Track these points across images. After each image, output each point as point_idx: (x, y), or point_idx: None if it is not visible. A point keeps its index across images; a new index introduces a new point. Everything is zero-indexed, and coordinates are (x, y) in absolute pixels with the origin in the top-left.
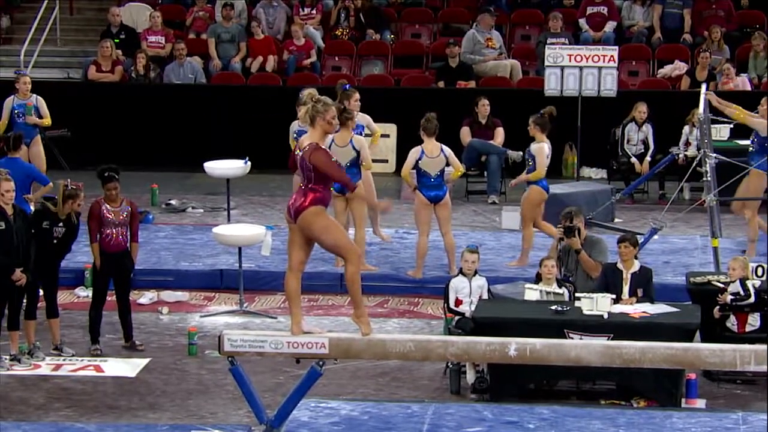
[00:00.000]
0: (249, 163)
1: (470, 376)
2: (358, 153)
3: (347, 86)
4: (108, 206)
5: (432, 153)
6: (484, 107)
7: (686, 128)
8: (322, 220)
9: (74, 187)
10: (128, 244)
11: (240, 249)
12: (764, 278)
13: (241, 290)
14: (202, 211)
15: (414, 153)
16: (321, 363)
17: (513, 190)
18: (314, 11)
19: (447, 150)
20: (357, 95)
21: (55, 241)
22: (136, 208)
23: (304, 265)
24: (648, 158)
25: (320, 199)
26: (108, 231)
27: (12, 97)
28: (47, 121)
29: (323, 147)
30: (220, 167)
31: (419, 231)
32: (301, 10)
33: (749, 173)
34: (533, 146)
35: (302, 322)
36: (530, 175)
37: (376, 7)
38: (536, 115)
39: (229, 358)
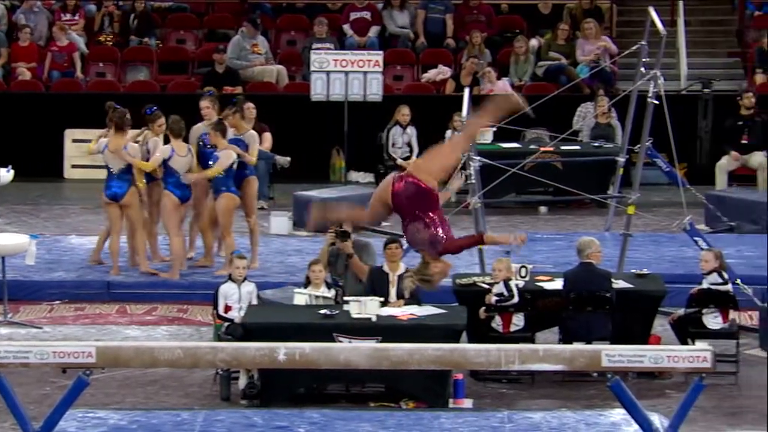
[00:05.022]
0: (12, 171)
1: (242, 382)
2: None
3: None
4: None
5: (181, 152)
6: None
7: (448, 132)
8: None
9: None
10: None
11: (3, 258)
12: (527, 278)
13: (6, 300)
14: None
15: (165, 151)
16: (88, 372)
17: (283, 194)
18: (77, 17)
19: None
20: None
21: None
22: None
23: None
24: (413, 158)
25: None
26: None
27: None
28: None
29: None
30: None
31: (171, 232)
32: (62, 15)
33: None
34: (219, 153)
35: None
36: (209, 171)
37: (148, 12)
38: (214, 122)
39: None
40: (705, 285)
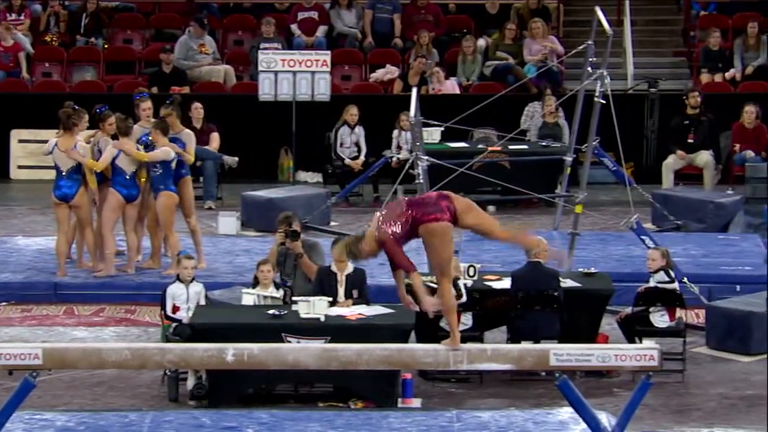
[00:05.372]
0: None
1: (190, 383)
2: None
3: None
4: None
5: (130, 151)
6: (197, 112)
7: (395, 132)
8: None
9: None
10: None
11: None
12: (476, 278)
13: None
14: None
15: (112, 150)
16: (35, 374)
17: (231, 194)
18: (22, 17)
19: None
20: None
21: None
22: None
23: None
24: (362, 158)
25: None
26: None
27: None
28: None
29: None
30: None
31: (107, 228)
32: (8, 15)
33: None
34: (157, 149)
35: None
36: (142, 153)
37: (98, 11)
38: (155, 120)
39: None
40: (652, 283)
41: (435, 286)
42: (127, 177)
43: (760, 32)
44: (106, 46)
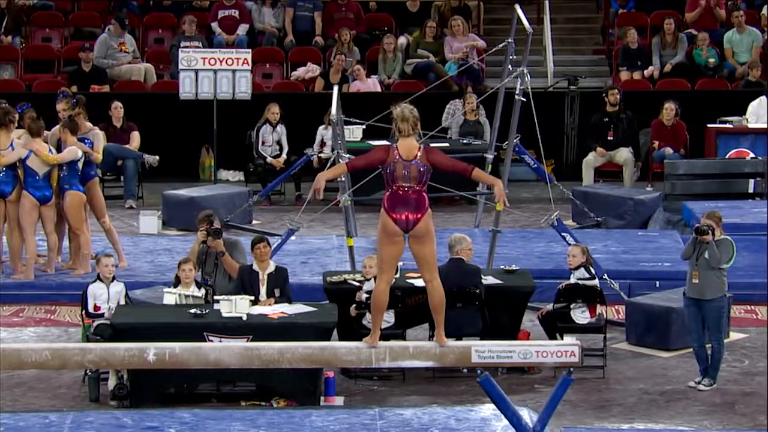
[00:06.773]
0: None
1: (111, 383)
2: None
3: None
4: None
5: (40, 152)
6: (117, 111)
7: (320, 128)
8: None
9: None
10: None
11: None
12: (397, 275)
13: None
14: None
15: (22, 152)
16: None
17: (152, 193)
18: None
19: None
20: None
21: None
22: None
23: None
24: (284, 156)
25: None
26: None
27: None
28: None
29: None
30: None
31: (27, 231)
32: None
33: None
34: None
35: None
36: (51, 156)
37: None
38: (65, 119)
39: None
40: (573, 280)
41: (357, 284)
42: (39, 178)
43: (677, 30)
44: (24, 44)
